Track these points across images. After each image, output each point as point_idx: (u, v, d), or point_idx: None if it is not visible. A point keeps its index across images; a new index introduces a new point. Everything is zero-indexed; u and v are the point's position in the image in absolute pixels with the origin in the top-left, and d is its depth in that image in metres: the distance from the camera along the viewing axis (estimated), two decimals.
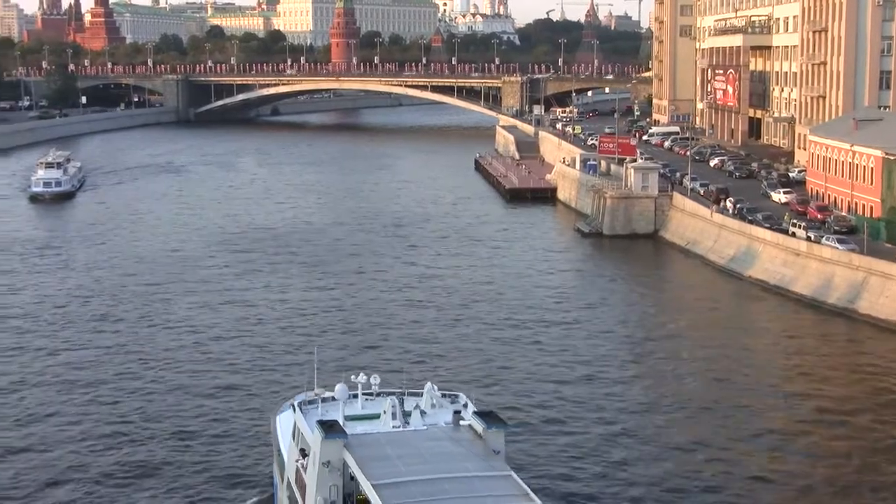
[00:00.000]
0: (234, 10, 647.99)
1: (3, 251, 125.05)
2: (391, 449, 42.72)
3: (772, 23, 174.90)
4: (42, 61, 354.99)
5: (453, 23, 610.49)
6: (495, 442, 43.65)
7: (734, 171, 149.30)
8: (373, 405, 48.31)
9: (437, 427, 45.82)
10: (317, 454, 42.86)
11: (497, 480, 40.68)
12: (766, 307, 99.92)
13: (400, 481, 39.57)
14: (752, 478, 59.77)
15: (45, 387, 75.31)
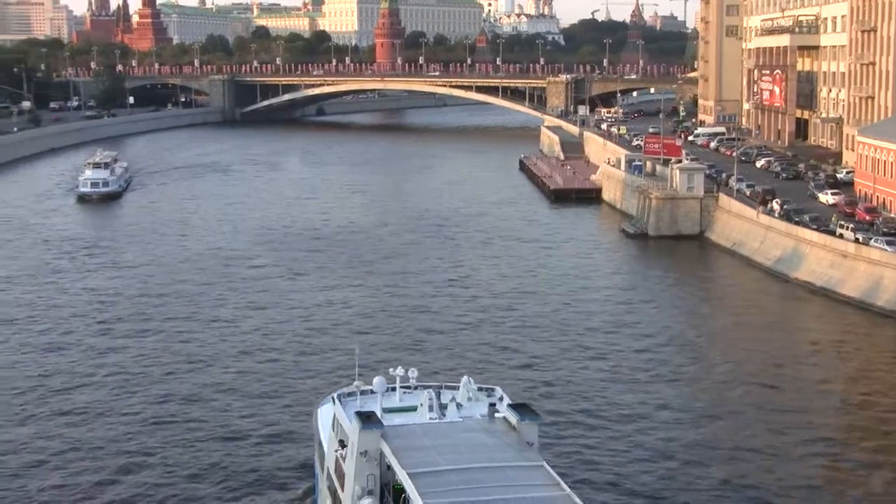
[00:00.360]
0: (280, 11, 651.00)
1: (52, 250, 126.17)
2: (427, 439, 43.47)
3: (819, 22, 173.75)
4: (91, 62, 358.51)
5: (498, 23, 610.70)
6: (529, 434, 44.19)
7: (781, 172, 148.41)
8: (410, 398, 49.14)
9: (472, 419, 46.69)
10: (355, 444, 43.64)
11: (529, 470, 41.26)
12: (813, 309, 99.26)
13: (434, 470, 40.27)
14: (805, 486, 59.14)
15: (95, 386, 75.70)
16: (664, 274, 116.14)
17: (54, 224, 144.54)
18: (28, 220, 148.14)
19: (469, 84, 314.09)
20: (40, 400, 72.62)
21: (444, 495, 38.54)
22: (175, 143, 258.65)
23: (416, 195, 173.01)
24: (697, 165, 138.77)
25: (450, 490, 38.97)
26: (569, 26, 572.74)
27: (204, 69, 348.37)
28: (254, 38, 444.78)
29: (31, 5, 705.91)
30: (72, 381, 76.60)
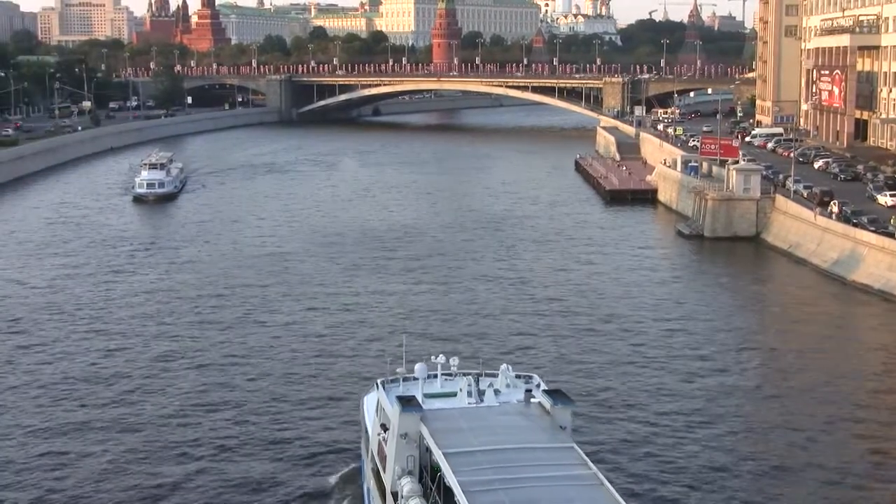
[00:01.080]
0: (337, 11, 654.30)
1: (110, 249, 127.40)
2: (464, 422, 45.47)
3: (881, 22, 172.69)
4: (150, 62, 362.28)
5: (555, 23, 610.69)
6: (562, 418, 45.83)
7: (839, 173, 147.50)
8: (450, 384, 50.84)
9: (508, 404, 48.34)
10: (395, 426, 45.74)
11: (560, 451, 43.13)
12: (871, 312, 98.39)
13: (469, 451, 42.25)
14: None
15: (151, 378, 76.98)
16: (719, 275, 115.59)
17: (112, 223, 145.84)
18: (88, 218, 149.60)
19: (525, 84, 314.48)
20: (104, 385, 75.07)
21: (476, 473, 40.25)
22: (232, 143, 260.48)
23: (471, 195, 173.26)
24: (754, 166, 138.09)
25: (482, 469, 40.75)
26: (626, 26, 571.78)
27: (261, 69, 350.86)
28: (311, 39, 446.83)
29: (93, 7, 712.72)
30: (129, 373, 77.97)
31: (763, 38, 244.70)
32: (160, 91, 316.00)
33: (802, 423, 69.41)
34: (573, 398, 49.15)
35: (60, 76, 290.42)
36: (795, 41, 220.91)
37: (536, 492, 39.72)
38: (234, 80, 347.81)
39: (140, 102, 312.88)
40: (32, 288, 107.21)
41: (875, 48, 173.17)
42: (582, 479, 40.92)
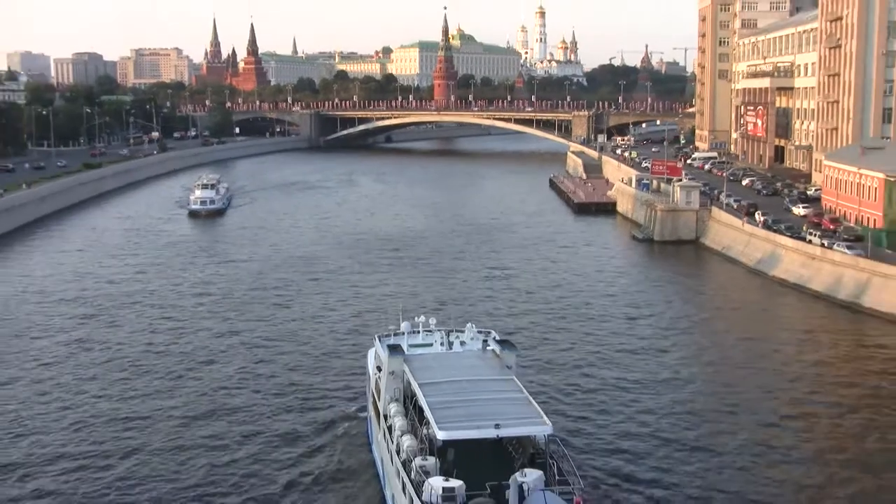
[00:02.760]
0: (357, 58, 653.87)
1: (173, 251, 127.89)
2: (435, 363, 50.83)
3: (794, 68, 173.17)
4: (206, 100, 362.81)
5: (533, 67, 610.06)
6: (508, 359, 50.82)
7: (762, 189, 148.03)
8: (428, 337, 55.72)
9: (470, 350, 53.83)
10: (385, 366, 50.90)
11: (503, 382, 47.90)
12: (787, 301, 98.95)
13: (437, 381, 47.21)
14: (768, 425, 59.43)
15: (208, 347, 78.07)
16: (666, 272, 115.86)
17: (173, 231, 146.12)
18: (154, 227, 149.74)
19: (509, 117, 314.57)
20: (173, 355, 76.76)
21: (440, 396, 45.09)
22: (271, 165, 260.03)
23: (464, 207, 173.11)
24: (694, 184, 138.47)
25: (445, 393, 45.55)
26: (591, 70, 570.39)
27: (295, 105, 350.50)
28: (335, 80, 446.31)
29: (161, 55, 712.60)
30: (193, 341, 79.46)
31: (701, 80, 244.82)
32: (214, 123, 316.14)
33: (729, 383, 70.55)
34: (518, 348, 55.10)
35: (134, 112, 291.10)
36: (727, 83, 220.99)
37: (482, 407, 44.02)
38: (273, 114, 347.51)
39: (198, 132, 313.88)
40: (112, 281, 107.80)
41: (790, 89, 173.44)
42: (517, 400, 45.23)
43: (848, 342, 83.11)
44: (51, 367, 74.86)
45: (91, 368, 74.39)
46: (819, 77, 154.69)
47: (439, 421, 42.03)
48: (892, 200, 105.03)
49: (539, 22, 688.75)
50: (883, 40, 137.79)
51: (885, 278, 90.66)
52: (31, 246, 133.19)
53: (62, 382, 70.84)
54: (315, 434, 60.17)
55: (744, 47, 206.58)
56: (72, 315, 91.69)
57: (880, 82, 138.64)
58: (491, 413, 42.74)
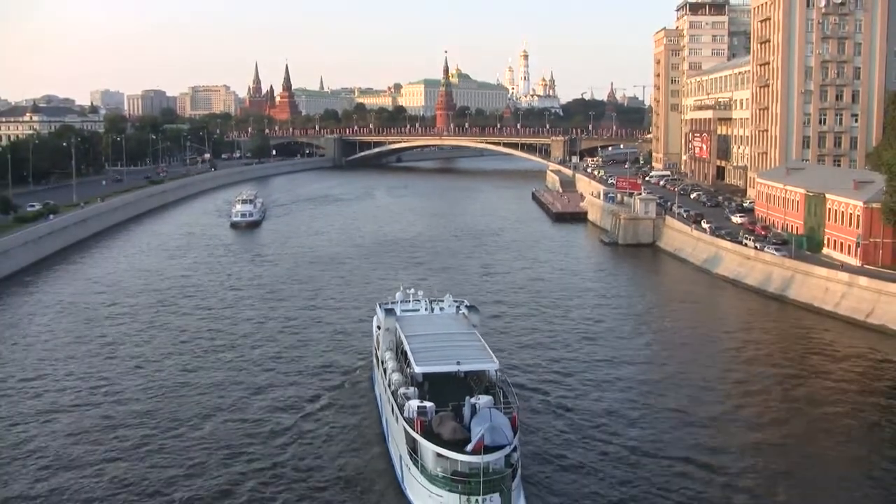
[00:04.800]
0: (373, 93, 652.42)
1: (219, 253, 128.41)
2: (419, 322, 57.07)
3: (732, 102, 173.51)
4: (248, 127, 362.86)
5: (518, 101, 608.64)
6: (473, 319, 57.48)
7: (706, 201, 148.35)
8: (416, 304, 61.39)
9: (445, 313, 60.18)
10: (382, 324, 57.59)
11: (467, 335, 54.29)
12: (727, 293, 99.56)
13: (418, 334, 53.47)
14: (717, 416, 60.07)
15: (249, 331, 78.41)
16: (628, 269, 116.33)
17: (219, 237, 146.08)
18: (204, 233, 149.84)
19: (498, 141, 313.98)
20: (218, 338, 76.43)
21: (420, 343, 51.46)
22: (301, 181, 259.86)
23: (461, 215, 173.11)
24: (651, 197, 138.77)
25: (425, 343, 51.76)
26: (566, 103, 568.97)
27: (322, 131, 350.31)
28: (355, 111, 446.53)
29: (213, 91, 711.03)
30: (235, 325, 79.56)
31: (656, 111, 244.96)
32: (255, 146, 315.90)
33: (680, 360, 71.02)
34: (482, 311, 62.45)
35: (190, 137, 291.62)
36: (677, 114, 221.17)
37: (449, 351, 50.30)
38: (304, 139, 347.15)
39: (241, 154, 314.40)
40: (169, 277, 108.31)
41: (729, 119, 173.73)
42: (475, 347, 51.63)
43: (775, 326, 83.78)
44: (118, 346, 75.66)
45: (155, 346, 75.21)
46: (752, 110, 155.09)
47: (417, 360, 48.86)
48: (811, 211, 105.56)
49: (523, 63, 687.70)
50: (801, 81, 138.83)
51: (805, 275, 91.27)
52: (107, 248, 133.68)
53: (134, 354, 72.19)
54: (335, 376, 66.67)
55: (691, 85, 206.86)
56: (139, 304, 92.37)
57: (800, 115, 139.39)
58: (455, 355, 49.52)
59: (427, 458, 42.88)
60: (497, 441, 41.49)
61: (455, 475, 41.54)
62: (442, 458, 42.15)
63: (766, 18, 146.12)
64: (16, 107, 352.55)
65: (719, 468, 49.79)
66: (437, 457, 42.34)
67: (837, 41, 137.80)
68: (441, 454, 42.11)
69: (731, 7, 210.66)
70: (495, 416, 42.31)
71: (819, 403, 60.57)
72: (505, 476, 41.47)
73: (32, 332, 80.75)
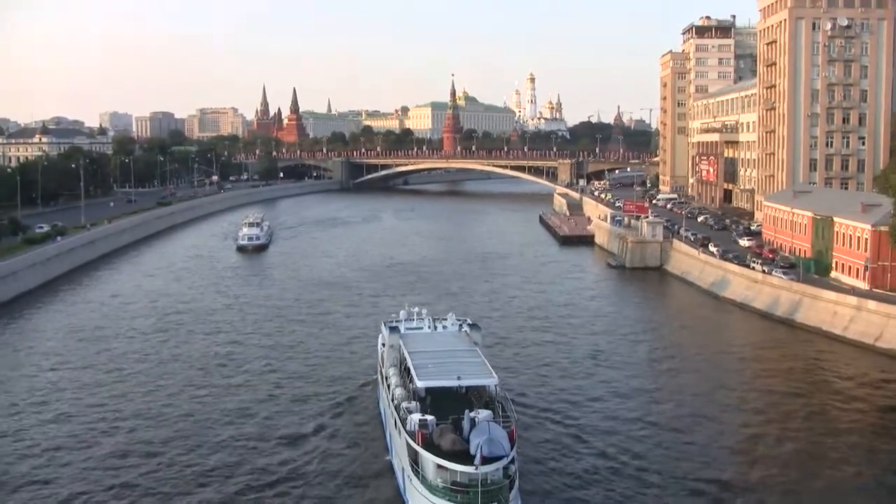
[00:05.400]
0: (380, 115, 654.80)
1: (225, 276, 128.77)
2: (422, 339, 58.43)
3: (738, 125, 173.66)
4: (256, 149, 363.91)
5: (525, 124, 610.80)
6: (475, 337, 58.70)
7: (713, 224, 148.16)
8: (419, 322, 62.67)
9: (448, 331, 61.41)
10: (387, 341, 58.80)
11: (468, 352, 55.83)
12: (734, 317, 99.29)
13: (421, 351, 54.90)
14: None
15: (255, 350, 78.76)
16: (636, 292, 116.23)
17: (226, 260, 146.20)
18: (211, 255, 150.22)
19: (505, 164, 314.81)
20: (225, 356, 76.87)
21: (423, 360, 52.78)
22: (308, 203, 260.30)
23: (468, 238, 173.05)
24: (658, 220, 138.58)
25: (427, 359, 53.04)
26: (573, 125, 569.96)
27: (329, 154, 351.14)
28: (362, 133, 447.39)
29: (220, 114, 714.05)
30: (242, 345, 79.93)
31: (663, 134, 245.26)
32: (262, 169, 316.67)
33: (686, 379, 71.58)
34: (485, 330, 64.89)
35: (198, 159, 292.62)
36: (684, 137, 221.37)
37: (450, 367, 51.54)
38: (311, 161, 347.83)
39: (249, 176, 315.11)
40: (176, 298, 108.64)
41: (736, 142, 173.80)
42: (475, 363, 53.07)
43: (783, 349, 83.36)
44: (126, 367, 75.84)
45: (164, 367, 75.48)
46: (758, 133, 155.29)
47: (419, 375, 50.38)
48: (818, 234, 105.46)
49: (530, 86, 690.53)
50: (808, 104, 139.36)
51: (813, 299, 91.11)
52: (115, 270, 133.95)
53: (139, 371, 72.43)
54: (341, 393, 68.05)
55: (698, 108, 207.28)
56: (147, 325, 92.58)
57: (807, 138, 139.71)
58: (456, 370, 50.96)
59: (428, 469, 44.38)
60: (495, 452, 43.03)
61: (454, 485, 43.05)
62: (442, 469, 43.67)
63: (773, 41, 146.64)
64: (25, 128, 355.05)
65: (719, 486, 50.22)
66: (438, 468, 43.86)
67: (844, 64, 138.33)
68: (441, 465, 43.63)
69: (738, 30, 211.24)
70: (493, 429, 43.95)
71: (828, 429, 60.34)
72: (502, 487, 42.93)
73: (40, 355, 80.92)
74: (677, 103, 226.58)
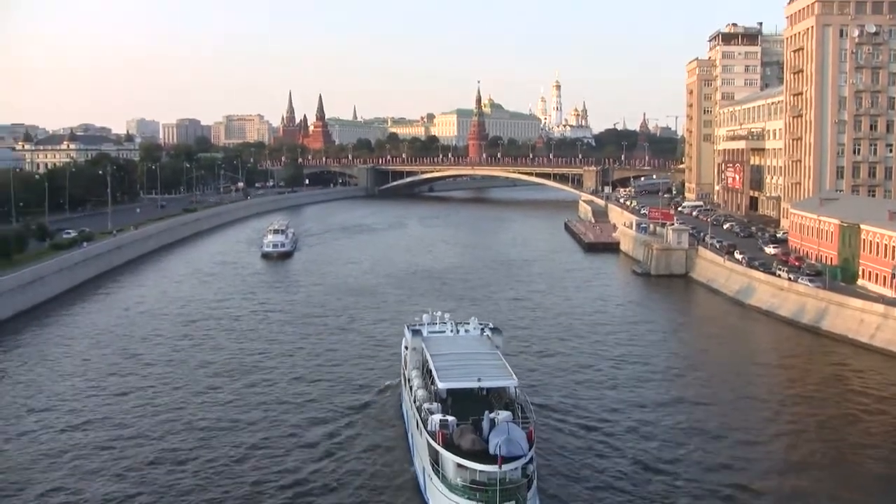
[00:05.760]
0: (406, 122, 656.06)
1: (251, 282, 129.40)
2: (444, 342, 59.49)
3: (765, 132, 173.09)
4: (282, 156, 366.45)
5: (550, 131, 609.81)
6: (496, 341, 60.29)
7: (739, 232, 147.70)
8: (442, 326, 64.07)
9: (470, 334, 62.50)
10: (410, 344, 60.54)
11: (489, 354, 56.91)
12: (760, 324, 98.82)
13: (443, 353, 56.09)
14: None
15: (281, 352, 79.35)
16: (661, 300, 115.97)
17: (251, 266, 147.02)
18: (237, 262, 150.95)
19: (531, 171, 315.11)
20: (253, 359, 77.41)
21: (444, 362, 53.91)
22: (334, 210, 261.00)
23: (493, 246, 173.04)
24: (684, 227, 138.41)
25: (449, 361, 54.26)
26: (598, 133, 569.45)
27: (354, 161, 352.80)
28: (388, 140, 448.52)
29: (246, 120, 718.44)
30: (269, 347, 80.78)
31: (689, 141, 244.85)
32: (288, 175, 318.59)
33: (711, 386, 71.18)
34: (509, 334, 67.23)
35: (224, 166, 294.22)
36: (710, 144, 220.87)
37: (471, 368, 52.74)
38: (337, 168, 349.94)
39: (275, 183, 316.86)
40: (204, 303, 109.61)
41: (762, 149, 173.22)
42: (496, 365, 54.04)
43: (809, 357, 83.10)
44: (153, 371, 76.59)
45: (190, 371, 76.18)
46: (785, 140, 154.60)
47: (440, 377, 51.45)
48: (845, 242, 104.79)
49: (556, 93, 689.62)
50: (835, 111, 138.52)
51: (839, 306, 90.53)
52: (141, 275, 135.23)
53: (165, 377, 73.01)
54: (365, 395, 69.31)
55: (724, 115, 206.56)
56: (172, 330, 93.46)
57: (834, 145, 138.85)
58: (476, 372, 52.12)
59: (448, 468, 45.38)
60: (513, 452, 43.83)
61: (474, 484, 44.00)
62: (462, 468, 44.63)
63: (800, 48, 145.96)
64: (53, 135, 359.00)
65: (745, 493, 50.19)
66: (458, 467, 44.81)
67: (871, 71, 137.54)
68: (461, 464, 44.56)
69: (764, 37, 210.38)
70: (512, 430, 44.82)
71: (857, 438, 59.96)
72: (520, 486, 43.82)
73: (67, 359, 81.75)
74: (703, 110, 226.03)
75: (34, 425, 62.43)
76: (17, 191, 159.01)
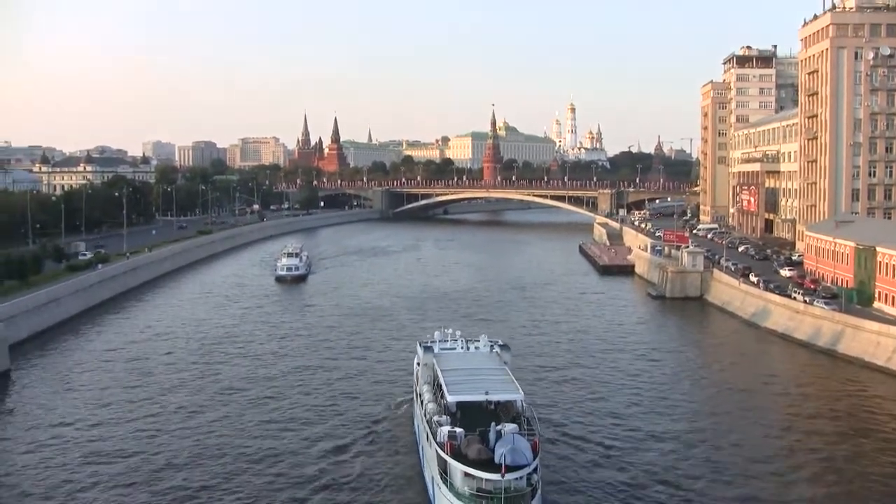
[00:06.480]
0: (420, 145, 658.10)
1: (265, 304, 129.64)
2: (454, 358, 61.55)
3: (780, 155, 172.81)
4: (297, 179, 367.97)
5: (565, 153, 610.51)
6: (505, 357, 62.34)
7: (755, 254, 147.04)
8: (453, 343, 66.33)
9: (479, 351, 64.73)
10: (421, 360, 62.66)
11: (497, 370, 58.71)
12: (776, 348, 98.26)
13: (453, 368, 58.01)
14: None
15: (294, 369, 79.72)
16: (676, 323, 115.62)
17: (265, 288, 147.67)
18: (251, 284, 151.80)
19: (545, 194, 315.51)
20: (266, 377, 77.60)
21: (454, 377, 55.69)
22: (349, 233, 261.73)
23: (508, 268, 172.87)
24: (699, 250, 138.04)
25: (459, 376, 56.06)
26: (613, 155, 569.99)
27: (369, 183, 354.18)
28: (403, 163, 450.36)
29: (262, 143, 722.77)
30: (281, 368, 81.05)
31: (704, 164, 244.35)
32: (303, 198, 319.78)
33: (725, 407, 71.14)
34: (519, 352, 70.30)
35: (240, 188, 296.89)
36: (725, 167, 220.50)
37: (479, 383, 54.57)
38: (352, 190, 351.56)
39: (290, 205, 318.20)
40: (218, 325, 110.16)
41: (777, 172, 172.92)
42: (503, 380, 55.81)
43: (825, 380, 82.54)
44: (166, 393, 76.82)
45: (204, 391, 76.42)
46: (800, 163, 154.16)
47: (450, 390, 53.36)
48: (861, 264, 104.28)
49: (570, 116, 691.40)
50: (850, 134, 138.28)
51: (856, 329, 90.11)
52: (156, 297, 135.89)
53: (180, 397, 73.28)
54: (378, 410, 71.21)
55: (738, 138, 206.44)
56: (186, 352, 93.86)
57: (849, 167, 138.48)
58: (484, 386, 54.12)
59: (455, 476, 47.06)
60: (518, 462, 45.39)
61: (480, 492, 45.60)
62: (469, 477, 46.24)
63: (814, 71, 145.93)
64: (70, 157, 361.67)
65: None
66: (465, 475, 46.44)
67: (886, 93, 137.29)
68: (468, 473, 46.17)
69: (779, 60, 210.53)
70: (517, 440, 46.47)
71: (871, 464, 59.42)
72: (525, 494, 45.39)
73: (81, 381, 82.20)
74: (718, 133, 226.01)
75: (50, 442, 62.98)
76: (34, 212, 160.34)
